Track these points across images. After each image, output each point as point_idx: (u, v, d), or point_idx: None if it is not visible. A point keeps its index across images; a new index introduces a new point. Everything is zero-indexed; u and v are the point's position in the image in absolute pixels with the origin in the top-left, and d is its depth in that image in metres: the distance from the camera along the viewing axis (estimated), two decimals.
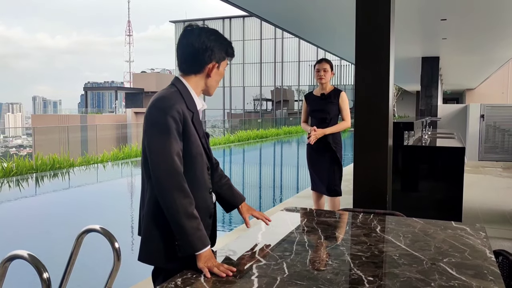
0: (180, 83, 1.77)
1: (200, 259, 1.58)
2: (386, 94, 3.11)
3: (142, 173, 1.76)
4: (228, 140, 21.89)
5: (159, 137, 1.62)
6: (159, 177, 1.60)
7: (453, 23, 6.72)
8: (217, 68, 1.80)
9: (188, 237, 1.58)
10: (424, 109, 10.48)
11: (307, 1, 5.47)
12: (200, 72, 1.78)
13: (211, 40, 1.76)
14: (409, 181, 4.91)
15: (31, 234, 6.26)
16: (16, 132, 58.77)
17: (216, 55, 1.78)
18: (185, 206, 1.59)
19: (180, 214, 1.58)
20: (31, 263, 2.05)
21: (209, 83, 1.82)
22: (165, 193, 1.59)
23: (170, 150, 1.61)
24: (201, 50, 1.74)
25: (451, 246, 1.78)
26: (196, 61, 1.76)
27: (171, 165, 1.60)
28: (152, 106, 1.67)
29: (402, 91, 32.16)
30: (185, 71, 1.80)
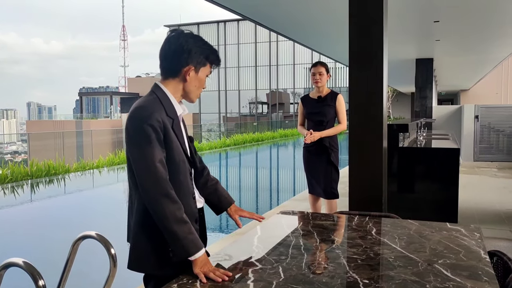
0: (159, 89, 1.76)
1: (196, 264, 1.58)
2: (380, 96, 3.12)
3: (129, 183, 1.76)
4: (224, 144, 21.88)
5: (140, 147, 1.62)
6: (146, 186, 1.61)
7: (446, 24, 6.76)
8: (195, 73, 1.77)
9: (181, 241, 1.59)
10: (419, 110, 10.53)
11: (300, 4, 5.49)
12: (177, 76, 1.76)
13: (189, 43, 1.74)
14: (405, 182, 4.92)
15: (27, 241, 6.23)
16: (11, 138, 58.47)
17: (194, 59, 1.75)
18: (173, 211, 1.60)
19: (169, 220, 1.59)
20: (27, 270, 2.05)
21: (187, 88, 1.79)
22: (153, 201, 1.60)
23: (152, 159, 1.61)
24: (178, 52, 1.73)
25: (446, 248, 1.78)
26: (172, 64, 1.75)
27: (155, 173, 1.60)
28: (131, 117, 1.66)
29: (397, 93, 32.29)
30: (163, 75, 1.79)
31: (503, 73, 26.62)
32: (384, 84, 3.14)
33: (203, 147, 20.16)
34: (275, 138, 27.79)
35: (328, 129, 4.15)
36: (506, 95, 27.29)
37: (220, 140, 23.47)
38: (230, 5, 5.56)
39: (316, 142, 4.13)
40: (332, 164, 4.16)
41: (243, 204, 9.52)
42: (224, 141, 22.69)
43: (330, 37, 8.00)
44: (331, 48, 9.68)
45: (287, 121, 39.23)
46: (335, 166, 4.18)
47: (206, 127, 37.28)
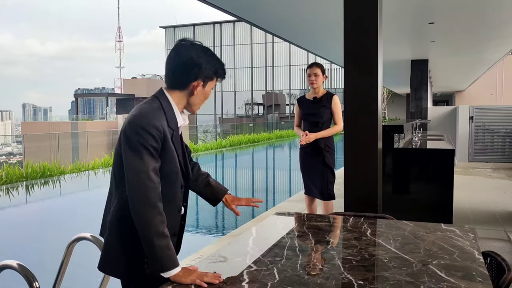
0: (164, 97, 1.73)
1: (180, 278, 1.55)
2: (375, 97, 3.13)
3: (112, 179, 1.74)
4: (220, 145, 21.87)
5: (137, 153, 1.59)
6: (134, 194, 1.58)
7: (441, 26, 6.79)
8: (203, 87, 1.75)
9: (158, 255, 1.56)
10: (414, 111, 10.57)
11: (296, 6, 5.50)
12: (185, 89, 1.73)
13: (200, 57, 1.71)
14: (400, 183, 4.94)
15: (21, 243, 6.20)
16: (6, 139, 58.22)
17: (203, 73, 1.72)
18: (157, 224, 1.57)
19: (151, 232, 1.56)
20: (21, 273, 2.04)
21: (192, 101, 1.76)
22: (139, 210, 1.57)
23: (147, 168, 1.58)
24: (188, 65, 1.69)
25: (440, 248, 1.79)
26: (181, 76, 1.72)
27: (146, 182, 1.57)
28: (131, 122, 1.63)
29: (392, 94, 32.38)
30: (169, 85, 1.75)
31: (498, 74, 26.77)
32: (379, 85, 3.15)
33: (199, 148, 20.15)
34: (271, 139, 27.81)
35: (323, 130, 4.16)
36: (500, 96, 27.44)
37: (216, 141, 23.46)
38: (226, 7, 5.57)
39: (311, 143, 4.14)
40: (328, 166, 4.17)
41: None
42: (220, 142, 22.68)
43: (325, 38, 8.01)
44: (327, 50, 9.70)
45: (283, 122, 39.25)
46: (330, 167, 4.19)
47: (202, 128, 37.25)
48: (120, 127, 1.81)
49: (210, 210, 8.91)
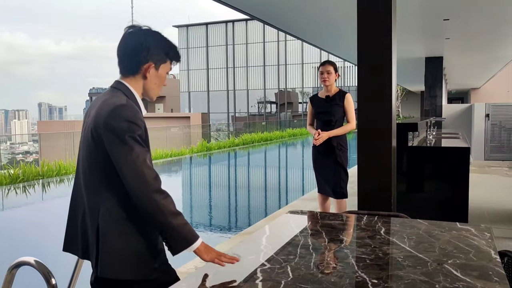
0: (124, 87, 1.72)
1: (201, 253, 1.63)
2: (389, 95, 3.11)
3: (90, 184, 1.68)
4: (232, 143, 21.92)
5: (128, 147, 1.57)
6: (137, 186, 1.57)
7: (455, 23, 6.71)
8: (155, 70, 1.74)
9: (180, 234, 1.61)
10: (428, 109, 10.46)
11: (309, 3, 5.48)
12: (137, 73, 1.73)
13: (149, 40, 1.71)
14: (414, 182, 4.89)
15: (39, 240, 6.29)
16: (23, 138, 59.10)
17: (153, 56, 1.72)
18: (168, 206, 1.60)
19: (166, 215, 1.58)
20: (38, 269, 2.07)
21: (147, 86, 1.76)
22: (147, 199, 1.57)
23: (144, 158, 1.59)
24: (136, 49, 1.70)
25: (455, 247, 1.77)
26: (131, 60, 1.72)
27: (145, 171, 1.58)
28: (115, 115, 1.59)
29: (406, 92, 32.10)
30: (123, 72, 1.75)
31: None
32: (393, 83, 3.12)
33: (212, 146, 20.20)
34: (284, 137, 27.77)
35: (336, 128, 4.15)
36: None
37: (229, 140, 23.50)
38: (239, 5, 5.57)
39: (324, 141, 4.13)
40: (341, 164, 4.16)
41: (252, 203, 9.54)
42: (233, 141, 22.72)
43: (338, 36, 7.97)
44: (340, 47, 9.65)
45: (296, 121, 39.19)
46: (343, 166, 4.17)
47: (215, 126, 37.36)
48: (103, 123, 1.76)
49: (222, 208, 8.94)
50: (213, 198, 10.17)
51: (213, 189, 11.47)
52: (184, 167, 15.79)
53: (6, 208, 9.30)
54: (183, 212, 2.55)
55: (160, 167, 14.66)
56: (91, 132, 1.65)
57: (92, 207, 1.67)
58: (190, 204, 9.37)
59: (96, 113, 1.64)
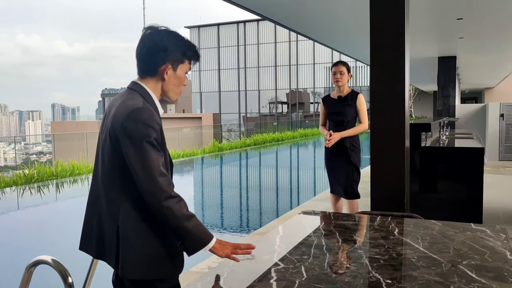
0: (141, 88, 1.71)
1: (217, 251, 1.66)
2: (401, 95, 3.10)
3: (109, 185, 1.69)
4: (244, 144, 21.94)
5: (145, 151, 1.58)
6: (152, 190, 1.58)
7: (469, 22, 6.65)
8: (173, 70, 1.73)
9: (195, 235, 1.63)
10: (441, 109, 10.37)
11: (321, 3, 5.48)
12: (155, 75, 1.72)
13: (164, 40, 1.70)
14: (428, 182, 4.86)
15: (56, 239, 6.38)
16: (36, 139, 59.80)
17: (170, 56, 1.70)
18: (181, 210, 1.61)
19: (180, 219, 1.60)
20: (55, 268, 2.10)
21: (166, 87, 1.75)
22: (162, 204, 1.58)
23: (158, 162, 1.59)
24: (154, 50, 1.69)
25: (470, 248, 1.77)
26: (149, 62, 1.71)
27: (158, 177, 1.58)
28: (131, 118, 1.59)
29: (419, 92, 31.83)
30: (140, 74, 1.75)
31: None
32: (406, 83, 3.11)
33: (224, 147, 20.25)
34: (295, 138, 27.73)
35: (348, 129, 4.14)
36: None
37: (240, 140, 23.54)
38: (250, 6, 5.58)
39: (337, 142, 4.13)
40: (353, 164, 4.15)
41: (264, 204, 9.55)
42: (244, 141, 22.75)
43: (350, 35, 7.95)
44: (352, 47, 9.61)
45: (307, 121, 39.10)
46: (356, 166, 4.17)
47: (226, 127, 37.44)
48: (120, 125, 1.76)
49: (234, 208, 8.97)
50: (225, 199, 10.20)
51: (225, 190, 11.51)
52: (196, 168, 15.86)
53: (23, 208, 9.43)
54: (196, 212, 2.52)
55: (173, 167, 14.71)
56: (109, 134, 1.66)
57: (112, 208, 1.68)
58: (202, 204, 9.41)
59: (114, 115, 1.65)
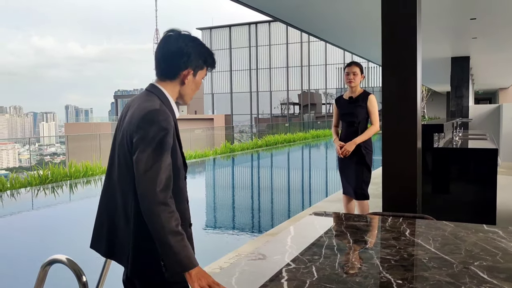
0: (159, 91, 1.72)
1: (192, 279, 1.53)
2: (413, 96, 3.09)
3: (124, 188, 1.70)
4: (255, 145, 21.95)
5: (154, 152, 1.57)
6: (146, 192, 1.55)
7: (483, 22, 6.59)
8: (193, 76, 1.76)
9: (176, 255, 1.53)
10: (454, 110, 10.28)
11: (332, 5, 5.47)
12: (175, 79, 1.74)
13: (188, 46, 1.72)
14: (440, 184, 4.83)
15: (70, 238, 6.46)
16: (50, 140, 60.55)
17: (193, 62, 1.73)
18: (170, 221, 1.54)
19: (165, 231, 1.53)
20: (70, 267, 2.14)
21: (184, 91, 1.77)
22: (150, 209, 1.55)
23: (165, 165, 1.58)
24: (177, 55, 1.70)
25: (482, 250, 1.76)
26: (171, 66, 1.72)
27: (162, 180, 1.56)
28: (146, 120, 1.60)
29: (431, 92, 31.57)
30: (160, 76, 1.76)
31: None
32: (418, 84, 3.10)
33: (235, 148, 20.29)
34: (307, 139, 27.67)
35: (359, 130, 4.14)
36: None
37: (252, 141, 23.56)
38: (262, 7, 5.60)
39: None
40: (365, 165, 4.15)
41: (276, 205, 9.55)
42: (256, 142, 22.76)
43: (362, 36, 7.93)
44: (364, 48, 9.58)
45: (319, 122, 38.99)
46: (368, 167, 4.16)
47: (238, 128, 37.50)
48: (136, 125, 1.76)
49: (245, 209, 8.98)
50: (236, 200, 10.23)
51: (236, 191, 11.53)
52: (207, 169, 15.91)
53: (37, 208, 9.57)
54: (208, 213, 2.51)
55: None
56: (125, 134, 1.68)
57: (126, 209, 1.69)
58: (214, 205, 9.45)
59: (131, 116, 1.67)
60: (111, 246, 1.77)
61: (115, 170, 1.75)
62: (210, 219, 7.88)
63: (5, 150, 59.95)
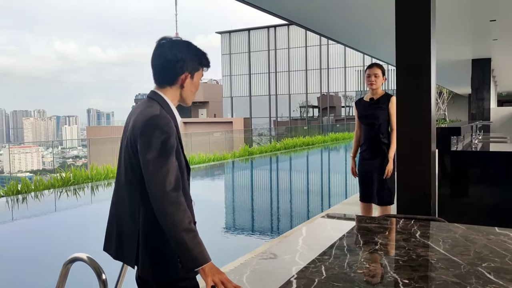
0: (160, 98, 1.81)
1: (206, 274, 1.59)
2: (427, 98, 3.10)
3: (130, 188, 1.79)
4: (274, 148, 21.99)
5: (160, 155, 1.65)
6: (158, 193, 1.63)
7: (503, 23, 6.51)
8: (191, 79, 1.84)
9: (190, 252, 1.60)
10: (475, 112, 10.15)
11: (350, 8, 5.50)
12: (174, 84, 1.83)
13: (183, 52, 1.80)
14: (458, 187, 4.80)
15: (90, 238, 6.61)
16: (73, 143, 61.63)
17: (189, 66, 1.82)
18: (183, 220, 1.62)
19: (179, 229, 1.61)
20: (90, 265, 2.22)
21: (184, 94, 1.86)
22: (163, 209, 1.62)
23: (172, 167, 1.66)
24: (173, 61, 1.79)
25: (491, 252, 1.78)
26: (169, 73, 1.81)
27: (171, 181, 1.64)
28: (150, 124, 1.69)
29: (453, 94, 31.10)
30: (159, 83, 1.85)
31: None
32: (432, 85, 3.11)
33: (254, 151, 20.36)
34: (326, 142, 27.56)
35: (380, 132, 4.09)
36: None
37: (270, 144, 23.60)
38: (279, 12, 5.66)
39: (372, 147, 4.11)
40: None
41: (293, 207, 9.57)
42: (275, 145, 22.79)
43: (379, 39, 7.91)
44: (383, 51, 9.55)
45: (338, 125, 38.78)
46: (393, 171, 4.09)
47: (257, 131, 37.58)
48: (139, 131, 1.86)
49: (262, 212, 9.03)
50: (253, 202, 10.28)
51: (253, 193, 11.59)
52: (226, 171, 16.02)
53: (60, 210, 9.80)
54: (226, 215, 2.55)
55: (203, 171, 14.94)
56: (129, 140, 1.77)
57: (133, 211, 1.78)
58: (232, 207, 9.53)
59: (133, 122, 1.77)
60: (119, 248, 1.86)
61: (122, 174, 1.85)
62: (229, 221, 7.96)
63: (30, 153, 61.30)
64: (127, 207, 1.81)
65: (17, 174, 23.13)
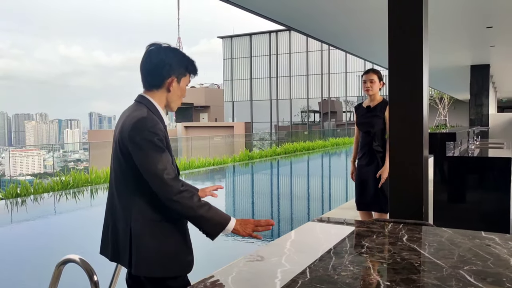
0: (147, 101, 1.89)
1: (238, 231, 1.84)
2: (419, 104, 3.12)
3: (120, 189, 1.88)
4: (274, 153, 22.02)
5: (151, 154, 1.75)
6: (163, 188, 1.75)
7: (500, 30, 6.56)
8: (177, 83, 1.92)
9: (211, 220, 1.80)
10: (474, 118, 10.18)
11: (349, 14, 5.54)
12: (161, 87, 1.90)
13: (169, 57, 1.89)
14: (454, 193, 4.83)
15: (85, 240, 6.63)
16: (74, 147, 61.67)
17: (175, 70, 1.90)
18: (194, 200, 1.77)
19: (194, 209, 1.77)
20: (82, 266, 2.25)
21: (170, 98, 1.94)
22: (175, 199, 1.74)
23: (165, 163, 1.76)
24: (160, 65, 1.87)
25: (474, 255, 1.80)
26: (156, 76, 1.89)
27: (168, 175, 1.75)
28: (137, 127, 1.78)
29: (453, 100, 31.13)
30: (147, 87, 1.93)
31: None
32: (424, 92, 3.14)
33: (254, 155, 20.39)
34: (326, 147, 27.59)
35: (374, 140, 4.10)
36: None
37: (271, 149, 23.63)
38: (279, 18, 5.71)
39: (369, 154, 4.12)
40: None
41: (291, 212, 9.59)
42: (275, 150, 22.83)
43: (378, 44, 7.96)
44: (381, 56, 9.59)
45: (339, 130, 38.82)
46: None
47: (258, 135, 37.63)
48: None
49: (260, 217, 9.04)
50: (251, 206, 10.30)
51: (251, 198, 11.61)
52: (225, 176, 16.05)
53: (58, 212, 9.83)
54: None
55: (203, 175, 14.97)
56: (118, 144, 1.85)
57: (125, 213, 1.85)
58: (232, 212, 9.55)
59: (122, 127, 1.84)
60: (115, 250, 1.91)
61: (112, 178, 1.92)
62: None
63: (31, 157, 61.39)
64: (120, 208, 1.87)
65: (18, 177, 23.17)
